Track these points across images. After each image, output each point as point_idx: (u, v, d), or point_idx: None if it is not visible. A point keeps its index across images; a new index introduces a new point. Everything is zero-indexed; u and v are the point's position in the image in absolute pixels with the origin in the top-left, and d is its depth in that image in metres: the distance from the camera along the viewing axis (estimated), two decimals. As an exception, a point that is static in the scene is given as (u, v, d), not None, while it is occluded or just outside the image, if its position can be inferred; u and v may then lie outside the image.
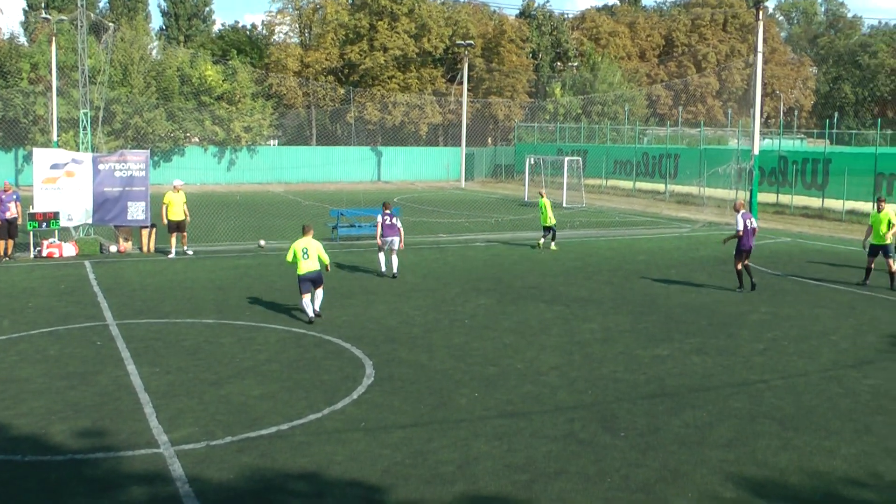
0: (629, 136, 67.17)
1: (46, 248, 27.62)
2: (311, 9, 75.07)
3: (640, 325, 18.75)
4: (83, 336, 17.26)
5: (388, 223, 24.72)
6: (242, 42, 74.68)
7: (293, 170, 67.74)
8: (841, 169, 43.27)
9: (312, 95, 71.55)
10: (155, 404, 12.93)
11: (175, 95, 63.03)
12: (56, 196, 28.22)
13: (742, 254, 22.59)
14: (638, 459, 11.00)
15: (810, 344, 17.19)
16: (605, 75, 78.32)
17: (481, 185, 68.13)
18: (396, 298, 21.37)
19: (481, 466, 10.72)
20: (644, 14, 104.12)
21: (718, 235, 35.26)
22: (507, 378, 14.52)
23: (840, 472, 10.70)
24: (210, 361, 15.39)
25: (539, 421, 12.41)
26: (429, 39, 72.75)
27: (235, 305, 20.38)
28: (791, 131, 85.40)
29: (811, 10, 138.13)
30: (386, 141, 74.50)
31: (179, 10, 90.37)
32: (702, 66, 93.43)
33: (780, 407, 13.13)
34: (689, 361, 15.74)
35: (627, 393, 13.78)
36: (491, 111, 76.90)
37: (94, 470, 10.59)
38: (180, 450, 11.17)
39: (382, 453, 11.11)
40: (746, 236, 22.45)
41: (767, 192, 46.63)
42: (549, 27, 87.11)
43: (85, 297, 21.30)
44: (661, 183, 56.43)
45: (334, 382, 14.15)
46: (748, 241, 22.54)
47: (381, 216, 24.94)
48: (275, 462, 10.80)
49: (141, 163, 29.25)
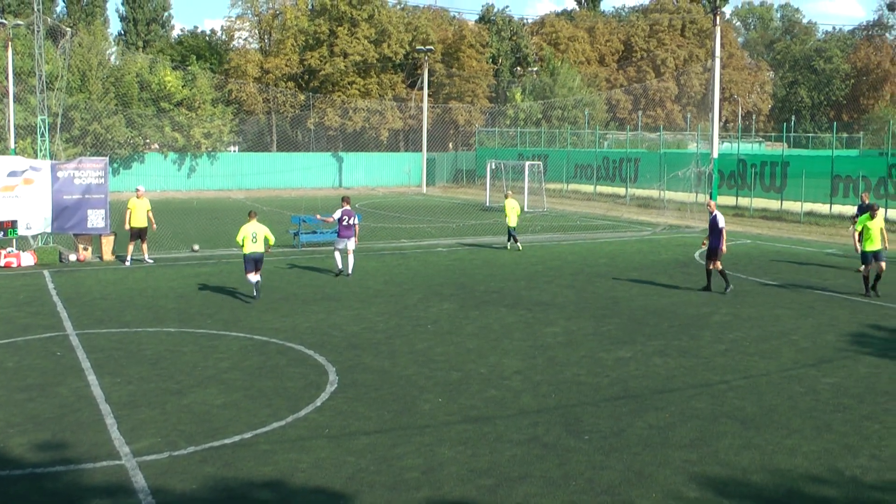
0: (589, 141, 67.48)
1: (4, 258, 27.27)
2: (271, 14, 74.87)
3: (603, 328, 18.83)
4: (43, 347, 17.07)
5: (346, 224, 25.21)
6: (202, 48, 74.32)
7: (254, 176, 67.44)
8: (799, 171, 43.76)
9: (272, 101, 71.31)
10: (116, 415, 12.81)
11: (134, 101, 62.55)
12: (14, 204, 27.88)
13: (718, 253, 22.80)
14: (602, 462, 11.04)
15: (771, 344, 17.34)
16: (565, 80, 78.61)
17: (443, 191, 68.16)
18: (359, 304, 21.32)
19: (446, 472, 10.71)
20: (603, 19, 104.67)
21: (679, 238, 35.53)
22: (471, 383, 14.53)
23: (802, 470, 10.80)
24: (172, 371, 15.27)
25: (503, 425, 12.42)
26: (389, 45, 72.75)
27: (197, 313, 20.24)
28: (749, 135, 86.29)
29: (767, 15, 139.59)
30: (347, 147, 74.38)
31: (138, 15, 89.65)
32: (661, 70, 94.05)
33: (741, 407, 13.24)
34: (651, 363, 15.82)
35: (591, 396, 13.83)
36: (451, 116, 76.99)
37: (55, 483, 10.46)
38: (142, 461, 11.06)
39: (347, 460, 11.07)
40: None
41: (727, 195, 47.05)
42: (509, 32, 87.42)
43: (44, 307, 21.07)
44: (622, 187, 56.75)
45: (297, 390, 14.09)
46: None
47: (341, 213, 25.36)
48: (238, 471, 10.74)
49: (100, 170, 28.99)
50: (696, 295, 22.64)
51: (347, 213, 25.47)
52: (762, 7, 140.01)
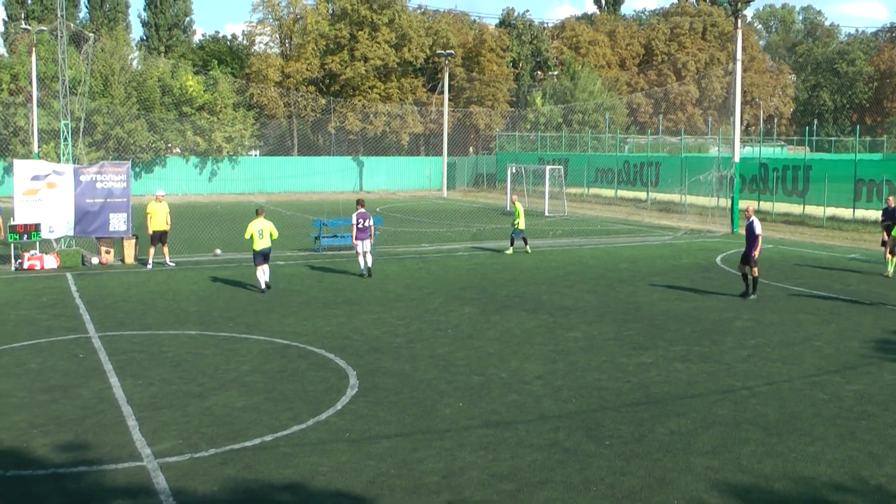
0: (610, 145, 67.32)
1: (28, 261, 27.44)
2: (292, 19, 75.04)
3: (624, 332, 18.77)
4: (65, 349, 17.15)
5: (361, 227, 26.01)
6: (223, 52, 74.58)
7: (275, 180, 67.65)
8: (821, 175, 43.50)
9: (293, 106, 71.48)
10: (138, 417, 12.86)
11: (156, 106, 62.87)
12: (37, 208, 28.04)
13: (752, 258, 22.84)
14: (623, 467, 11.00)
15: (794, 350, 17.24)
16: (586, 84, 78.48)
17: (463, 195, 68.15)
18: (380, 308, 21.33)
19: (466, 476, 10.69)
20: (623, 23, 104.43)
21: (701, 243, 35.40)
22: (492, 387, 14.50)
23: (825, 478, 10.72)
24: (193, 373, 15.31)
25: (524, 430, 12.39)
26: (409, 49, 72.79)
27: (218, 316, 20.30)
28: (771, 139, 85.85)
29: (789, 18, 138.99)
30: (367, 151, 74.50)
31: (160, 20, 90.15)
32: (681, 74, 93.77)
33: (764, 413, 13.16)
34: (673, 369, 15.76)
35: (612, 401, 13.79)
36: (472, 120, 76.99)
37: (77, 484, 10.51)
38: (164, 462, 11.10)
39: (367, 464, 11.07)
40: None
41: (748, 199, 46.74)
42: (530, 36, 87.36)
43: (67, 309, 21.18)
44: (643, 191, 56.59)
45: (318, 393, 14.10)
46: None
47: (355, 217, 26.19)
48: (259, 474, 10.75)
49: (122, 174, 29.14)
50: (717, 300, 22.55)
51: (362, 215, 26.18)
52: (784, 9, 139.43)
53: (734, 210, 39.73)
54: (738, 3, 38.91)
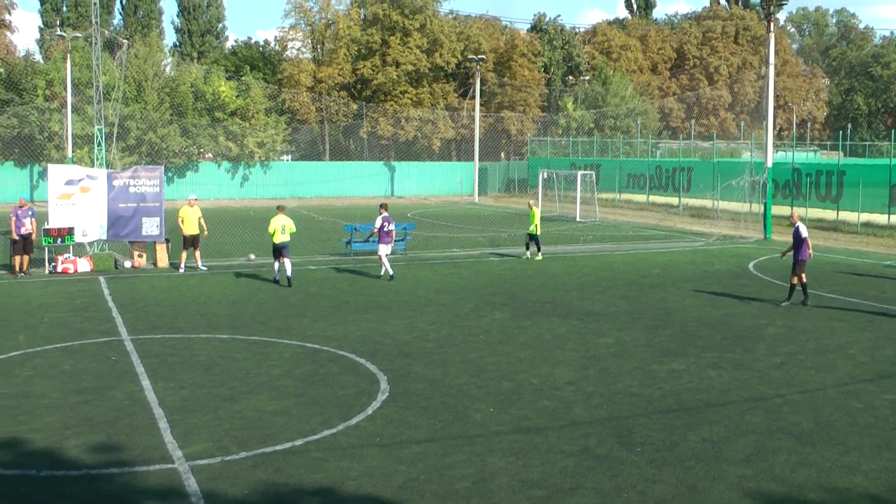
0: (642, 150, 67.09)
1: (61, 264, 27.68)
2: (324, 24, 75.32)
3: (656, 339, 18.67)
4: (98, 351, 17.27)
5: (386, 230, 26.67)
6: (255, 58, 74.95)
7: (306, 185, 67.90)
8: (855, 181, 43.13)
9: (325, 111, 71.74)
10: (170, 419, 12.92)
11: (189, 111, 63.25)
12: (71, 212, 28.27)
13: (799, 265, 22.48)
14: (655, 475, 10.92)
15: (827, 358, 17.07)
16: (617, 89, 78.29)
17: (494, 200, 68.13)
18: (411, 313, 21.33)
19: (497, 482, 10.66)
20: (655, 27, 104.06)
21: (733, 249, 35.19)
22: (523, 393, 14.46)
23: (861, 489, 10.59)
24: (224, 377, 15.37)
25: (555, 436, 12.34)
26: (441, 54, 72.88)
27: (250, 321, 20.37)
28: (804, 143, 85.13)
29: (822, 21, 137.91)
30: (399, 156, 74.63)
31: (193, 26, 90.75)
32: (714, 78, 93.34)
33: (797, 422, 13.03)
34: (705, 376, 15.65)
35: (643, 408, 13.71)
36: (503, 125, 76.94)
37: (109, 485, 10.57)
38: (195, 465, 11.14)
39: (398, 469, 11.06)
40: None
41: (781, 204, 46.40)
42: (561, 41, 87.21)
43: (100, 312, 21.33)
44: (675, 196, 56.35)
45: (349, 398, 14.11)
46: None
47: (380, 220, 26.74)
48: (289, 477, 10.77)
49: (155, 179, 29.33)
50: (750, 306, 22.39)
51: (386, 219, 26.80)
52: (817, 13, 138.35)
53: (767, 215, 39.46)
54: (770, 7, 38.65)
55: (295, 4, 74.53)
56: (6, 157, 58.94)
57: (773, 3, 38.50)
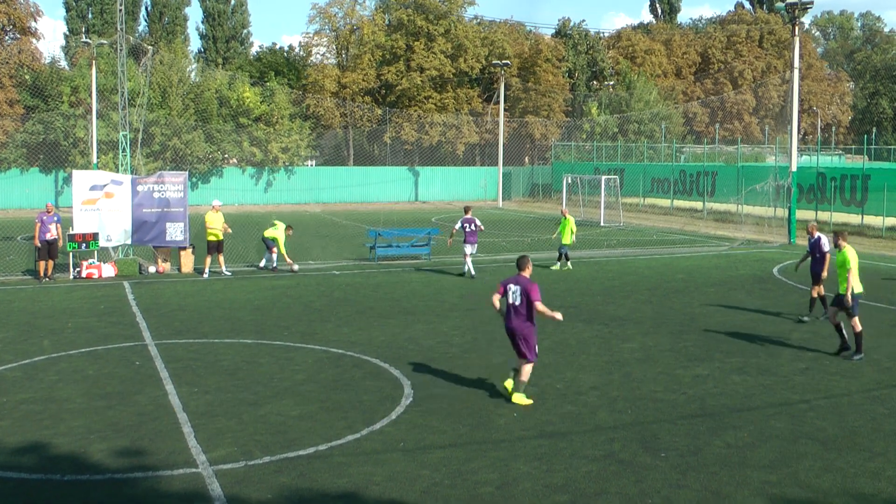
0: (666, 155, 66.93)
1: (86, 269, 27.83)
2: (348, 30, 75.51)
3: (680, 344, 18.60)
4: (122, 356, 17.35)
5: (470, 230, 27.82)
6: (280, 63, 75.24)
7: (331, 190, 68.08)
8: (880, 185, 42.85)
9: (349, 116, 71.91)
10: (193, 424, 12.96)
11: (213, 117, 63.57)
12: (95, 217, 28.43)
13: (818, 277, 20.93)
14: (679, 480, 10.88)
15: (852, 363, 16.95)
16: (642, 93, 78.18)
17: (518, 205, 68.06)
18: (435, 318, 21.33)
19: (521, 487, 10.64)
20: (680, 31, 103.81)
21: (757, 254, 35.02)
22: (547, 398, 14.43)
23: (886, 495, 10.50)
24: (248, 381, 15.41)
25: (579, 441, 12.31)
26: (465, 59, 72.96)
27: (273, 326, 20.42)
28: (829, 147, 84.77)
29: (847, 25, 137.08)
30: (423, 161, 74.71)
31: (217, 32, 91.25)
32: (738, 82, 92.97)
33: (822, 427, 12.94)
34: (729, 381, 15.57)
35: (668, 413, 13.65)
36: (527, 130, 76.91)
37: (134, 489, 10.61)
38: (219, 469, 11.17)
39: (421, 474, 11.05)
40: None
41: (806, 208, 46.24)
42: (585, 46, 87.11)
43: (124, 317, 21.43)
44: (699, 201, 56.16)
45: (373, 403, 14.11)
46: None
47: (461, 221, 28.04)
48: (313, 482, 10.78)
49: (179, 184, 29.44)
50: (774, 311, 22.25)
51: (468, 220, 27.81)
52: (842, 16, 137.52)
53: (791, 220, 39.25)
54: (795, 10, 38.48)
55: (319, 10, 74.86)
56: (32, 164, 59.42)
57: (798, 7, 38.32)
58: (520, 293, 14.27)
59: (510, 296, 14.35)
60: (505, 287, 14.50)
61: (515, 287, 14.35)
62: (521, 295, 14.28)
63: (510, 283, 14.44)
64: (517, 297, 14.29)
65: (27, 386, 15.08)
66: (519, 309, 14.29)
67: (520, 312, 14.30)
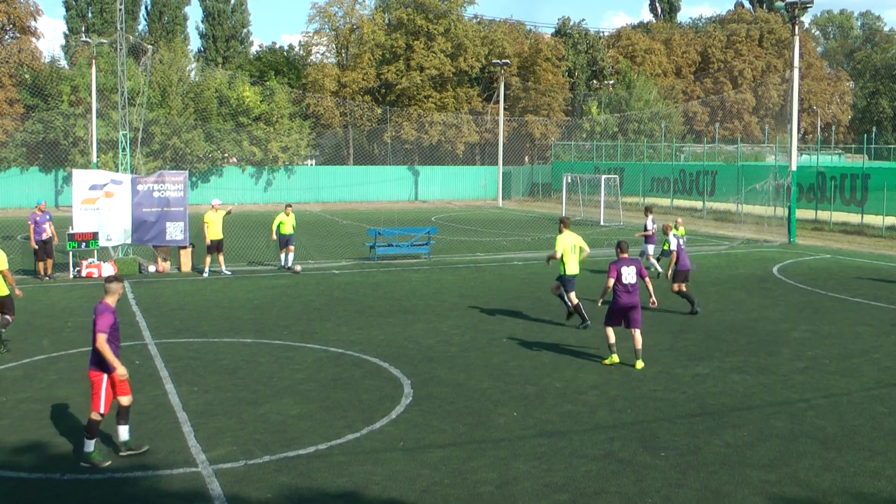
0: (666, 154, 66.94)
1: (86, 268, 27.83)
2: (348, 29, 75.47)
3: (680, 343, 18.60)
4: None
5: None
6: (280, 63, 75.22)
7: (330, 189, 68.08)
8: (880, 184, 42.85)
9: (349, 115, 71.89)
10: (193, 423, 12.97)
11: (213, 116, 63.55)
12: (95, 217, 28.41)
13: (679, 275, 22.26)
14: (679, 479, 10.89)
15: (852, 362, 16.96)
16: (641, 93, 78.14)
17: (518, 204, 68.07)
18: (434, 318, 21.33)
19: (520, 486, 10.64)
20: (679, 31, 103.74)
21: (757, 253, 35.01)
22: (546, 397, 14.44)
23: (885, 494, 10.51)
24: (248, 381, 15.42)
25: (578, 440, 12.32)
26: (465, 59, 72.92)
27: (273, 325, 20.43)
28: (829, 147, 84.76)
29: (847, 24, 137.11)
30: (423, 160, 74.71)
31: (217, 32, 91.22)
32: (738, 82, 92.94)
33: (822, 427, 12.95)
34: (729, 380, 15.58)
35: (667, 412, 13.66)
36: (527, 130, 76.88)
37: (133, 488, 10.62)
38: (218, 469, 11.18)
39: (421, 473, 11.06)
40: (681, 257, 22.35)
41: (806, 208, 46.26)
42: (585, 46, 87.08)
43: (124, 316, 21.40)
44: (699, 200, 56.17)
45: (372, 402, 14.12)
46: (685, 262, 22.36)
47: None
48: (313, 482, 10.79)
49: (179, 183, 29.42)
50: (774, 310, 22.27)
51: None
52: (842, 15, 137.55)
53: (791, 220, 39.25)
54: (795, 10, 38.47)
55: (319, 9, 74.77)
56: (31, 163, 59.41)
57: (797, 6, 38.31)
58: (635, 273, 16.33)
59: (625, 276, 16.25)
60: (618, 270, 16.27)
61: (630, 268, 16.31)
62: (637, 275, 16.40)
63: (622, 266, 16.29)
64: (633, 276, 16.31)
65: (26, 385, 15.10)
66: (635, 286, 16.38)
67: (636, 289, 16.41)
